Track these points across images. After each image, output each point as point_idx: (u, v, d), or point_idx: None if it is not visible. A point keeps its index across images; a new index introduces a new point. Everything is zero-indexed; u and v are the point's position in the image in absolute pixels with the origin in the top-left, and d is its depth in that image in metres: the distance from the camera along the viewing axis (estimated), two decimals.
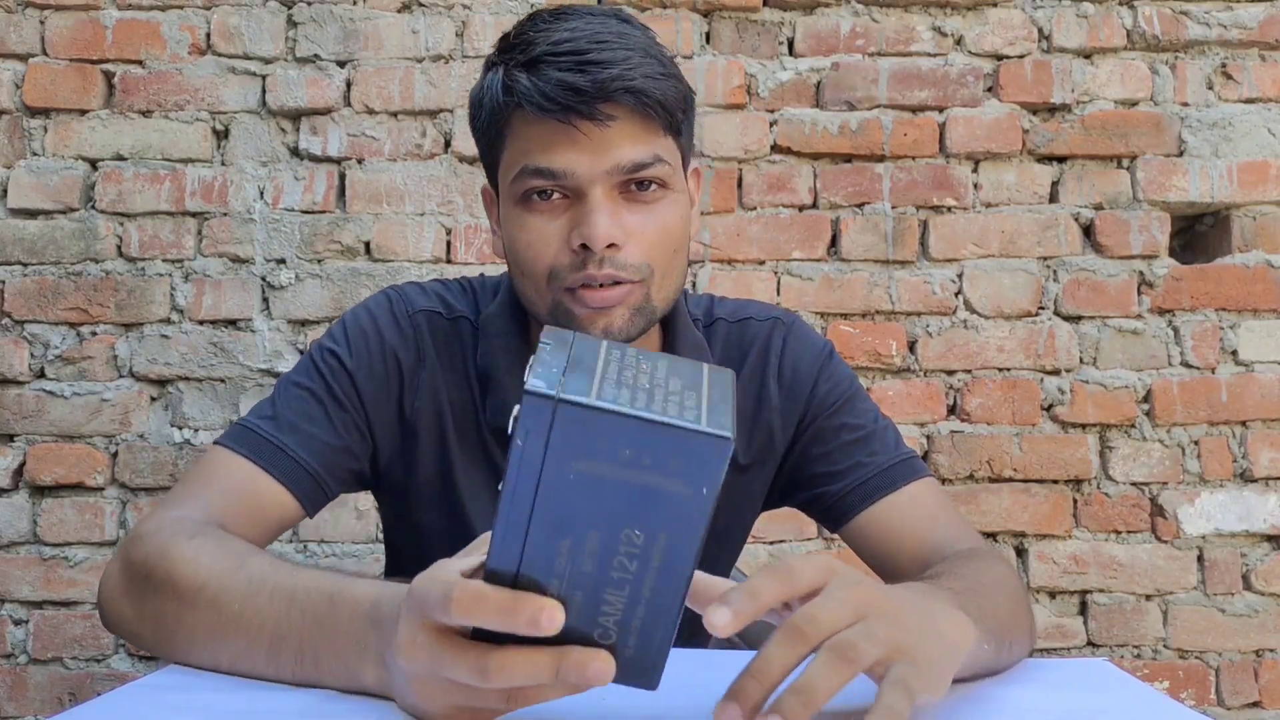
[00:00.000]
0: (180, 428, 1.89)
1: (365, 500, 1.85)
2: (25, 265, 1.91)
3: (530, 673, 0.54)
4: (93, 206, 1.92)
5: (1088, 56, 1.94)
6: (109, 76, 1.95)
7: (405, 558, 1.11)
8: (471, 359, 1.03)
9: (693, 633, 1.09)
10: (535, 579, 0.54)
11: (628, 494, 0.51)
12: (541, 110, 0.87)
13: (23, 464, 1.88)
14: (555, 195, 0.91)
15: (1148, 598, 1.85)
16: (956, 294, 1.91)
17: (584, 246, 0.89)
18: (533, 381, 0.49)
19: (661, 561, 0.53)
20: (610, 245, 0.89)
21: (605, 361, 0.53)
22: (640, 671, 0.57)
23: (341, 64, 1.94)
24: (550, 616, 0.53)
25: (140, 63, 1.94)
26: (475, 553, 0.60)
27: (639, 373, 0.53)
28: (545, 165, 0.90)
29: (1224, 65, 1.92)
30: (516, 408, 0.50)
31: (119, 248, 1.92)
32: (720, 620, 0.54)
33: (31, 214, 1.92)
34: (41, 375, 1.90)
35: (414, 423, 1.02)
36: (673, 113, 0.92)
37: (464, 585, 0.54)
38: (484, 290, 1.08)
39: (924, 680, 0.58)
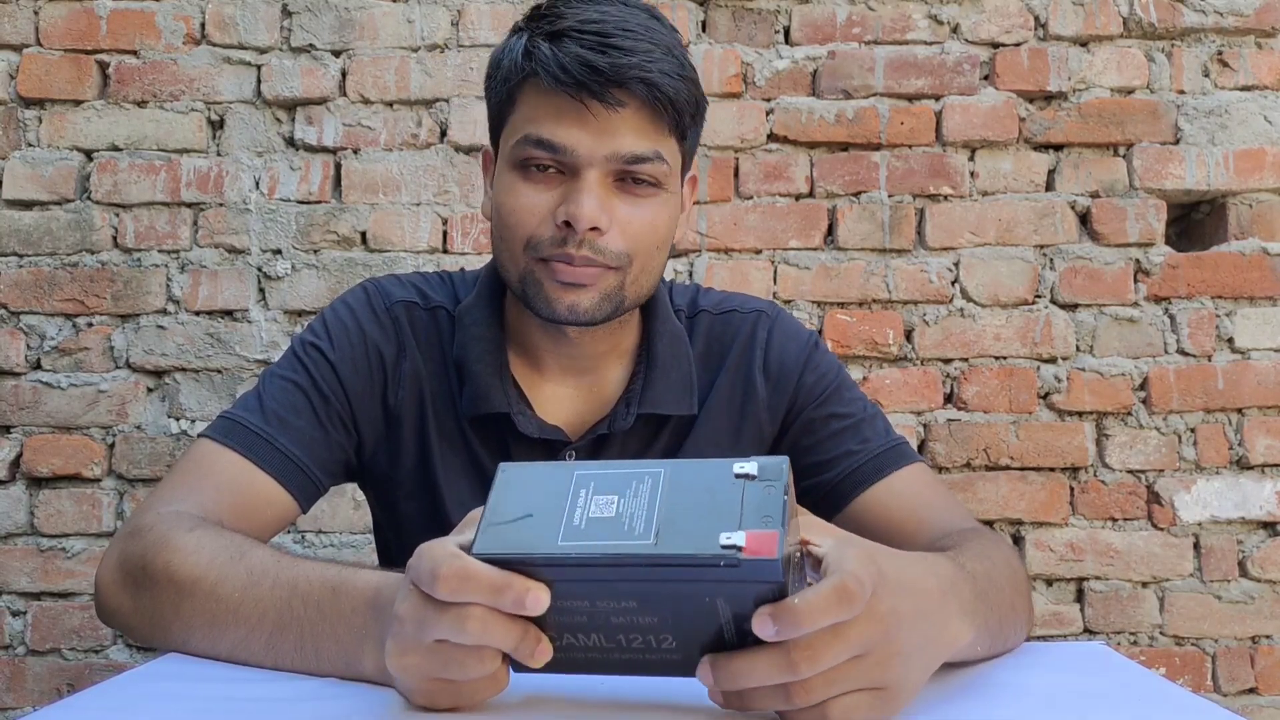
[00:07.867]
0: (177, 418, 1.89)
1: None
2: (21, 256, 1.90)
3: (504, 636, 0.56)
4: (88, 197, 1.92)
5: (1084, 44, 1.93)
6: (103, 67, 1.94)
7: (390, 547, 1.11)
8: (449, 349, 1.03)
9: None
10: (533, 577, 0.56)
11: (708, 619, 0.55)
12: (556, 81, 0.88)
13: (19, 455, 1.88)
14: (551, 169, 0.92)
15: (1144, 585, 1.85)
16: (953, 282, 1.91)
17: (567, 224, 0.90)
18: (777, 553, 0.52)
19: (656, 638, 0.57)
20: (593, 229, 0.89)
21: (790, 525, 0.56)
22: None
23: (336, 53, 1.94)
24: (536, 598, 0.54)
25: (135, 53, 1.93)
26: (468, 529, 0.60)
27: (790, 544, 0.55)
28: (548, 137, 0.90)
29: (1220, 53, 1.92)
30: (740, 557, 0.52)
31: (114, 238, 1.91)
32: (768, 633, 0.54)
33: (27, 205, 1.92)
34: (38, 366, 1.90)
35: (397, 414, 1.02)
36: (681, 114, 0.92)
37: (451, 563, 0.55)
38: (463, 283, 1.08)
39: (880, 708, 0.57)
